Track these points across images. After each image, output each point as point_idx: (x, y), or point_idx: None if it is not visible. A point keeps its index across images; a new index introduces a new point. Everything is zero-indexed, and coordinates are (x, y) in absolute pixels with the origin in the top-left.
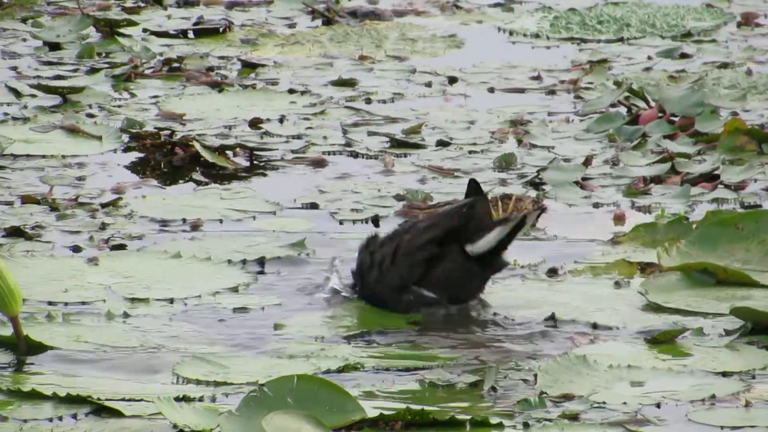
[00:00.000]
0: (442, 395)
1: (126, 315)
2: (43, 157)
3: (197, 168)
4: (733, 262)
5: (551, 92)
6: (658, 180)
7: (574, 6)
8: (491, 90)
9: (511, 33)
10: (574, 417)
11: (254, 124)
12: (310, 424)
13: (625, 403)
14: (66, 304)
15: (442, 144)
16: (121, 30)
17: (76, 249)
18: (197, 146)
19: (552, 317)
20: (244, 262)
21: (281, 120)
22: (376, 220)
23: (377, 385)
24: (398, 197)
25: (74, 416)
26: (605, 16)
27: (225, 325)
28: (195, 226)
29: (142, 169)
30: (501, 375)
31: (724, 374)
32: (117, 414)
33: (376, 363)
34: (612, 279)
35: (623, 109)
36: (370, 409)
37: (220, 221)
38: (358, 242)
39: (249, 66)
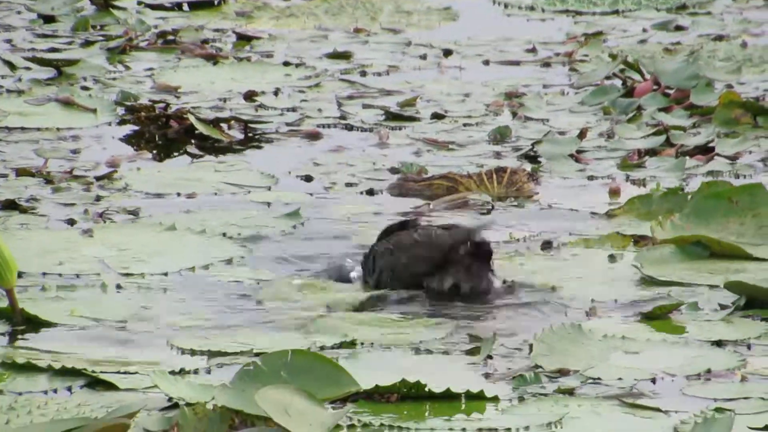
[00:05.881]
0: (437, 366)
1: (120, 287)
2: (38, 129)
3: (192, 141)
4: (728, 235)
5: (546, 65)
6: (652, 153)
7: None
8: (486, 62)
9: (506, 5)
10: (569, 392)
11: (249, 96)
12: (302, 397)
13: (620, 378)
14: (60, 275)
15: (436, 117)
16: (116, 2)
17: (71, 222)
18: (192, 119)
19: (552, 289)
20: (239, 235)
21: (276, 93)
22: (371, 193)
23: (372, 357)
24: (393, 170)
25: (69, 389)
26: None
27: (220, 298)
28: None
29: (136, 141)
30: (497, 345)
31: (719, 344)
32: (111, 387)
33: (372, 336)
34: (606, 252)
35: (618, 82)
36: (365, 382)
37: (215, 194)
38: (352, 213)
39: (244, 39)
